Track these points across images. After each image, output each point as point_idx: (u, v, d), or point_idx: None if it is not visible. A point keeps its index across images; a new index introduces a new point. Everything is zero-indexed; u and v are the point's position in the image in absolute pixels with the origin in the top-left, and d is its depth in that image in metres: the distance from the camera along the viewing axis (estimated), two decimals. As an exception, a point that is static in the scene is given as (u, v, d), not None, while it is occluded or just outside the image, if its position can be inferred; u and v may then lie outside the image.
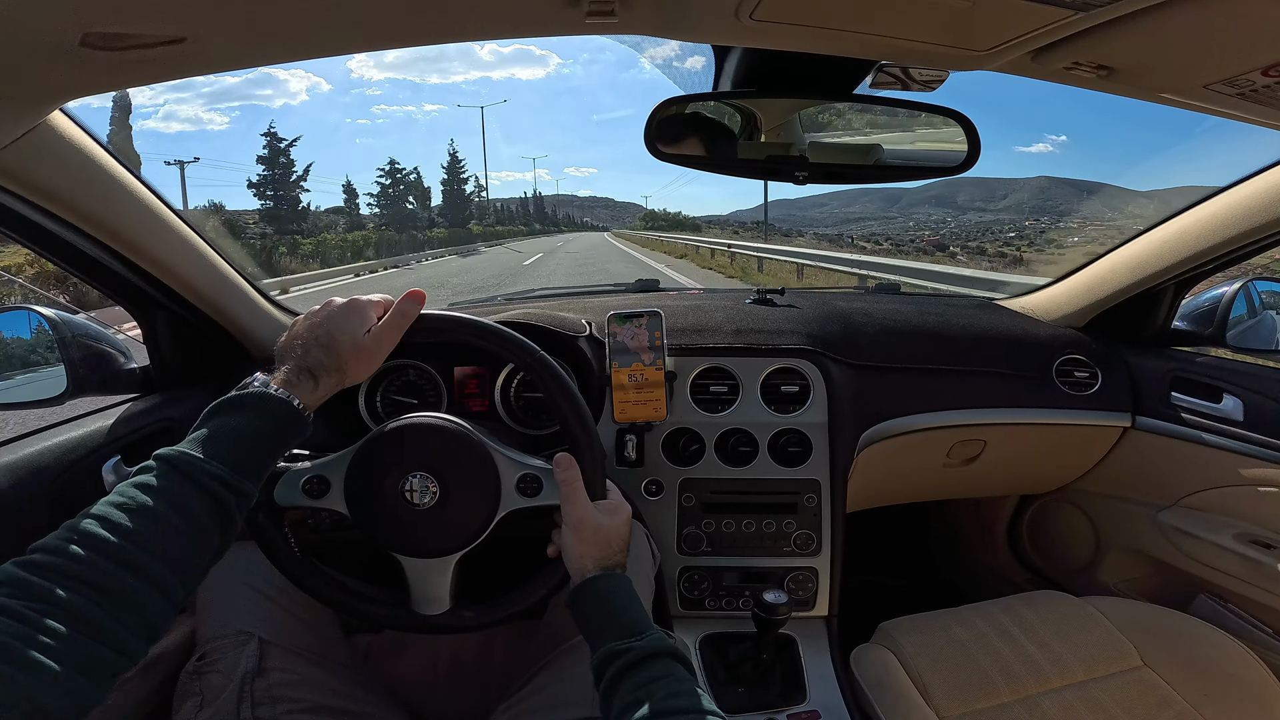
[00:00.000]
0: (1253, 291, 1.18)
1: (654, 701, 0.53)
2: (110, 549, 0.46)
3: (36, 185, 0.73)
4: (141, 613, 0.46)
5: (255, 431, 0.57)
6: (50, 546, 0.45)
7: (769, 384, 1.09)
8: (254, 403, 0.58)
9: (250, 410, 0.58)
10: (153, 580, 0.47)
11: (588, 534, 0.68)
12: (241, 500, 0.55)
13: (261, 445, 0.58)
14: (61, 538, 0.46)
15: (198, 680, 0.73)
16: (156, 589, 0.47)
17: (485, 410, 1.11)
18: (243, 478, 0.55)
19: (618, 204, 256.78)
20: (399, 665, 0.92)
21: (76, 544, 0.45)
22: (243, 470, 0.55)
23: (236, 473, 0.54)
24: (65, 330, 0.91)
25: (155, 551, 0.48)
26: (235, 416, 0.57)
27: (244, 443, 0.56)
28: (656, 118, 0.87)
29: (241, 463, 0.55)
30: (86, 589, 0.44)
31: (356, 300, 0.68)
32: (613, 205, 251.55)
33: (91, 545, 0.46)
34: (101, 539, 0.46)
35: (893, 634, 0.98)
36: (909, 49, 0.65)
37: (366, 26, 0.58)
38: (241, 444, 0.56)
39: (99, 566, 0.45)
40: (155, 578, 0.47)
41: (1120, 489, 1.31)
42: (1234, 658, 0.93)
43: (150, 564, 0.47)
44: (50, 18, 0.49)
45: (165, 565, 0.48)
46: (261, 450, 0.58)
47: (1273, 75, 0.59)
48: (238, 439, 0.56)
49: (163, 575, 0.48)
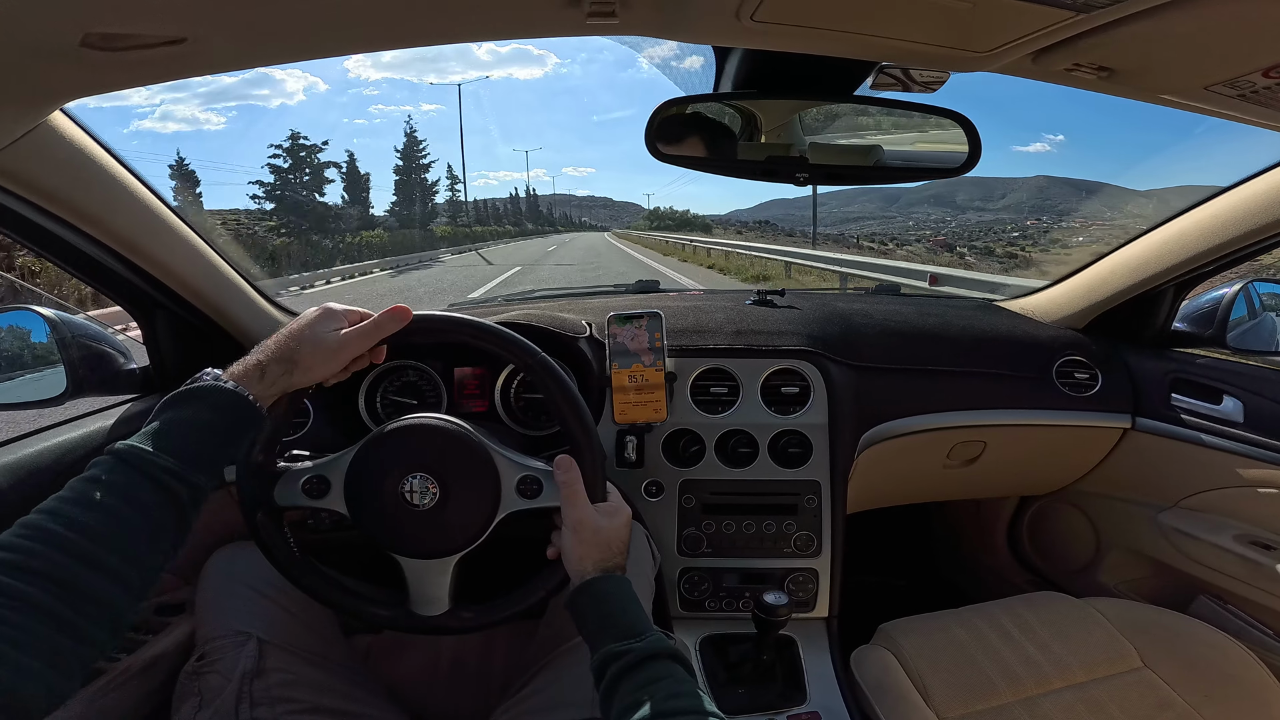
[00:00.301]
0: (1253, 293, 1.18)
1: (654, 703, 0.53)
2: (64, 542, 0.46)
3: (37, 186, 0.73)
4: (100, 604, 0.47)
5: (205, 424, 0.58)
6: (4, 543, 0.46)
7: (769, 385, 1.09)
8: (204, 395, 0.59)
9: (200, 402, 0.58)
10: (108, 572, 0.47)
11: (587, 536, 0.68)
12: (194, 492, 0.55)
13: (213, 437, 0.58)
14: (15, 534, 0.46)
15: (197, 681, 0.73)
16: (113, 580, 0.48)
17: (485, 411, 1.11)
18: (194, 469, 0.55)
19: (616, 203, 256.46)
20: (399, 666, 0.92)
21: (30, 539, 0.46)
22: (193, 462, 0.55)
23: (187, 464, 0.54)
24: (65, 331, 0.91)
25: (108, 544, 0.48)
26: (185, 409, 0.58)
27: (194, 435, 0.57)
28: (657, 118, 0.87)
29: (192, 455, 0.55)
30: (44, 582, 0.44)
31: (330, 306, 0.69)
32: (611, 205, 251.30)
33: (45, 540, 0.46)
34: (54, 533, 0.46)
35: (893, 635, 0.98)
36: (909, 50, 0.65)
37: (367, 27, 0.58)
38: (191, 436, 0.56)
39: (54, 560, 0.45)
40: (111, 569, 0.48)
41: (1120, 490, 1.31)
42: (1234, 659, 0.93)
43: (105, 556, 0.48)
44: (51, 18, 0.49)
45: (120, 557, 0.48)
46: (213, 442, 0.58)
47: (1273, 76, 0.59)
48: (188, 431, 0.56)
49: (118, 567, 0.48)
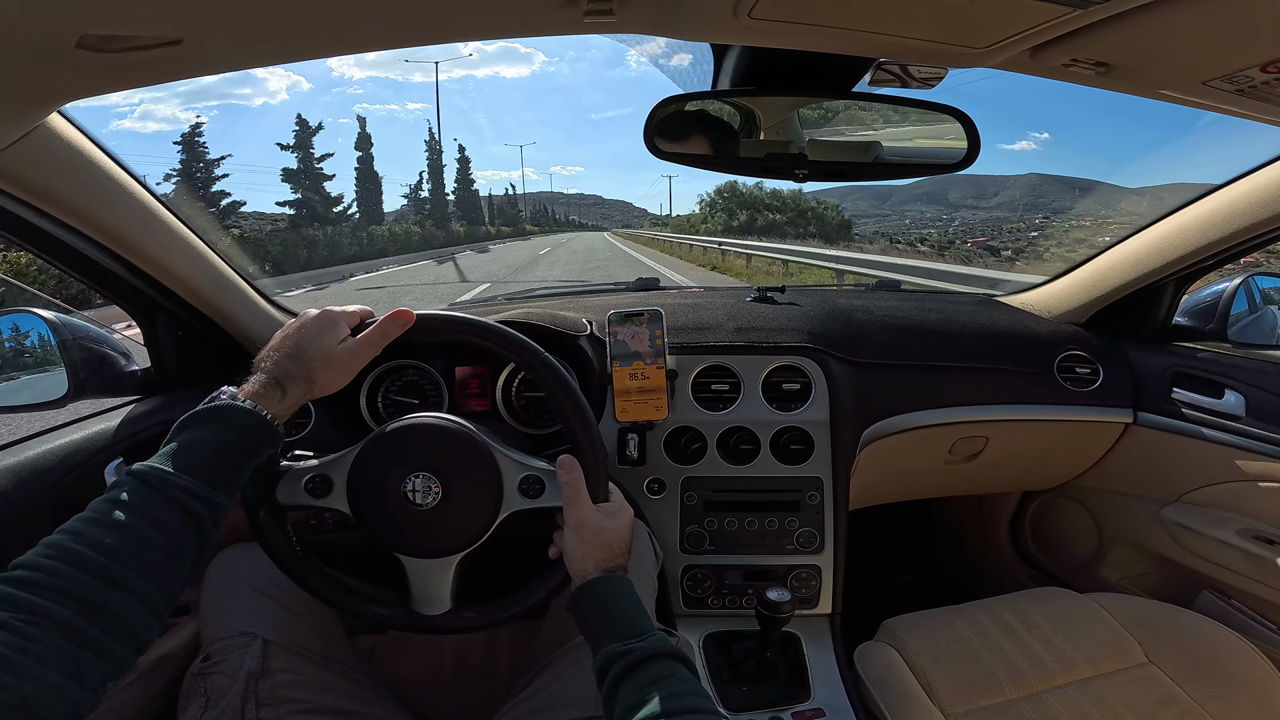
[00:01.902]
0: (1253, 287, 1.18)
1: (656, 702, 0.53)
2: (88, 563, 0.47)
3: (35, 188, 0.73)
4: (122, 621, 0.47)
5: (224, 443, 0.58)
6: (30, 563, 0.46)
7: (770, 382, 1.09)
8: (221, 415, 0.59)
9: (218, 423, 0.59)
10: (132, 591, 0.48)
11: (589, 536, 0.68)
12: (214, 511, 0.55)
13: (231, 457, 0.59)
14: (40, 554, 0.47)
15: (203, 681, 0.73)
16: (136, 599, 0.48)
17: (487, 410, 1.11)
18: (214, 490, 0.55)
19: (607, 201, 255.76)
20: (402, 666, 0.92)
21: (54, 558, 0.46)
22: (213, 482, 0.56)
23: (207, 485, 0.55)
24: (66, 333, 0.91)
25: (131, 564, 0.49)
26: (204, 429, 0.58)
27: (213, 455, 0.57)
28: (656, 116, 0.87)
29: (212, 475, 0.56)
30: (70, 601, 0.45)
31: (329, 311, 0.69)
32: (602, 202, 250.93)
33: (70, 560, 0.47)
34: (77, 553, 0.47)
35: (896, 631, 0.98)
36: (908, 46, 0.65)
37: (364, 27, 0.58)
38: (211, 456, 0.57)
39: (78, 580, 0.46)
40: (134, 589, 0.48)
41: (1122, 485, 1.30)
42: (1237, 653, 0.93)
43: (127, 576, 0.48)
44: (47, 20, 0.49)
45: (143, 577, 0.49)
46: (231, 461, 0.59)
47: (1271, 71, 0.59)
48: (206, 452, 0.57)
49: (141, 586, 0.49)
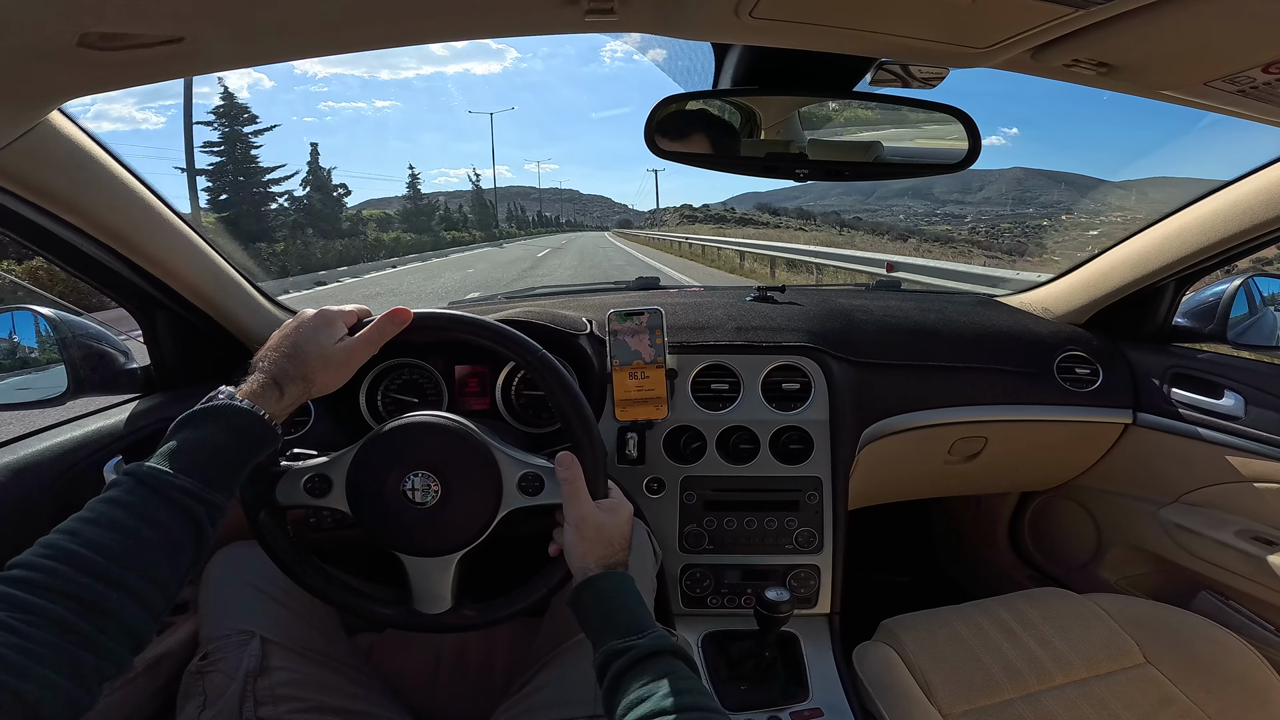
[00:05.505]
0: (1253, 288, 1.18)
1: (657, 700, 0.53)
2: (86, 563, 0.47)
3: (35, 186, 0.73)
4: (120, 620, 0.47)
5: (222, 444, 0.58)
6: (28, 563, 0.46)
7: (770, 381, 1.09)
8: (219, 415, 0.59)
9: (216, 422, 0.59)
10: (129, 591, 0.48)
11: (589, 533, 0.68)
12: (212, 511, 0.55)
13: (229, 457, 0.58)
14: (38, 554, 0.47)
15: (201, 680, 0.73)
16: (134, 599, 0.48)
17: (486, 409, 1.11)
18: (212, 490, 0.55)
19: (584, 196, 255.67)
20: (401, 664, 0.92)
21: (52, 558, 0.46)
22: (211, 482, 0.56)
23: (205, 485, 0.55)
24: (66, 330, 0.91)
25: (129, 565, 0.49)
26: (201, 429, 0.58)
27: (211, 455, 0.57)
28: (657, 115, 0.87)
29: (210, 475, 0.56)
30: (68, 601, 0.45)
31: (326, 311, 0.69)
32: (578, 198, 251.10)
33: (68, 560, 0.47)
34: (75, 553, 0.47)
35: (895, 631, 0.99)
36: (909, 46, 0.65)
37: (365, 25, 0.58)
38: (208, 457, 0.57)
39: (76, 580, 0.46)
40: (132, 589, 0.48)
41: (1121, 485, 1.31)
42: (1236, 654, 0.93)
43: (125, 576, 0.48)
44: (48, 18, 0.49)
45: (141, 576, 0.49)
46: (229, 462, 0.59)
47: (1273, 72, 0.59)
48: (204, 452, 0.57)
49: (138, 586, 0.49)
